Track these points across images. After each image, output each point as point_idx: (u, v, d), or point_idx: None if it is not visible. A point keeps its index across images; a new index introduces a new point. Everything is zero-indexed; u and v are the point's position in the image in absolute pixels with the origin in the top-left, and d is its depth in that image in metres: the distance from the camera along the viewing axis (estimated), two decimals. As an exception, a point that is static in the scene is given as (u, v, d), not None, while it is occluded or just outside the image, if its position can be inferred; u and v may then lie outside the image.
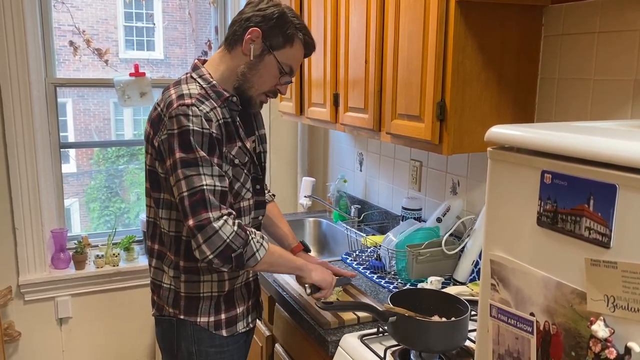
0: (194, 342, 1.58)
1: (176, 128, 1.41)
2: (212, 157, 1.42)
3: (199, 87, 1.50)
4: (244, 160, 1.54)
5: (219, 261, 1.41)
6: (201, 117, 1.41)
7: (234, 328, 1.62)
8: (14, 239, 2.67)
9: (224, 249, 1.39)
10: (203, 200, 1.39)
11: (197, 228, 1.38)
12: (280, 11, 1.51)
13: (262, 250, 1.46)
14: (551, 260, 0.91)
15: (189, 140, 1.40)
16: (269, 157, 3.18)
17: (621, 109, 1.49)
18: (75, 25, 2.96)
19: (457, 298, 1.52)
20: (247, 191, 1.58)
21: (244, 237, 1.42)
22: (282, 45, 1.52)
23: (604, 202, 0.80)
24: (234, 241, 1.40)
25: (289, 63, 1.56)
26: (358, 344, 1.54)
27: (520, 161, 0.96)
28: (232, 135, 1.51)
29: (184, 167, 1.40)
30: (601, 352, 0.81)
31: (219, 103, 1.49)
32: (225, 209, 1.42)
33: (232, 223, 1.41)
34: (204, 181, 1.40)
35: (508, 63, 1.66)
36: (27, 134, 2.59)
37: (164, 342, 1.65)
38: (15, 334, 2.71)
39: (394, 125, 1.82)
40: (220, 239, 1.38)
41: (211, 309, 1.58)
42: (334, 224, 2.75)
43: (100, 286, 2.86)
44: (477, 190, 2.02)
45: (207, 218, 1.38)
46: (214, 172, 1.42)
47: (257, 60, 1.52)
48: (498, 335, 1.02)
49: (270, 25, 1.51)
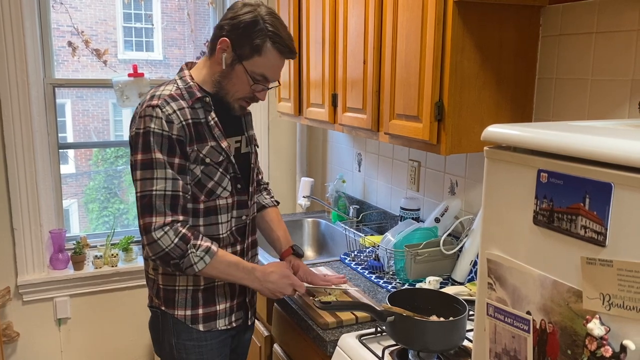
0: (173, 334, 1.63)
1: (141, 128, 1.50)
2: (172, 158, 1.50)
3: (174, 88, 1.56)
4: (217, 159, 1.57)
5: (160, 263, 1.53)
6: (162, 119, 1.49)
7: (212, 324, 1.65)
8: (12, 240, 2.67)
9: (163, 255, 1.49)
10: (150, 206, 1.49)
11: (143, 230, 1.50)
12: (252, 19, 1.50)
13: (201, 264, 1.51)
14: (547, 259, 0.91)
15: (149, 141, 1.49)
16: (268, 157, 3.18)
17: (618, 109, 1.50)
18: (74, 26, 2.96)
19: (455, 298, 1.52)
20: (223, 190, 1.60)
21: (184, 249, 1.49)
22: (250, 55, 1.53)
23: (600, 201, 0.81)
24: (172, 252, 1.49)
25: (260, 72, 1.55)
26: (356, 343, 1.54)
27: (516, 160, 0.96)
28: (203, 135, 1.55)
29: (141, 168, 1.50)
30: (597, 350, 0.82)
31: (190, 103, 1.54)
32: (170, 216, 1.49)
33: (173, 234, 1.48)
34: (154, 186, 1.49)
35: (506, 63, 1.67)
36: (26, 135, 2.59)
37: (152, 332, 1.72)
38: (13, 335, 2.71)
39: (392, 126, 1.82)
40: (159, 247, 1.48)
41: (187, 302, 1.62)
42: (333, 224, 2.75)
43: (99, 287, 2.86)
44: (475, 190, 2.03)
45: (150, 223, 1.48)
46: (167, 174, 1.49)
47: (229, 69, 1.55)
48: (495, 334, 1.02)
49: (238, 35, 1.52)
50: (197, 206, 1.57)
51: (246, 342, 1.85)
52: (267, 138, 3.17)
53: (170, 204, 1.49)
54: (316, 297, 1.76)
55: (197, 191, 1.56)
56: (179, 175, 1.51)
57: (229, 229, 1.64)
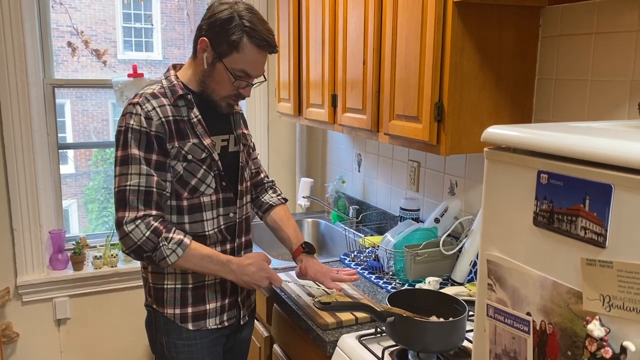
0: (164, 332, 1.65)
1: (122, 126, 1.54)
2: (149, 154, 1.52)
3: (158, 87, 1.59)
4: (199, 156, 1.58)
5: (134, 257, 1.54)
6: (141, 116, 1.52)
7: (202, 323, 1.65)
8: (11, 240, 2.67)
9: (136, 249, 1.51)
10: (123, 200, 1.51)
11: (116, 224, 1.53)
12: (228, 15, 1.51)
13: (174, 256, 1.52)
14: (547, 260, 0.91)
15: (127, 137, 1.52)
16: (267, 158, 3.18)
17: (618, 110, 1.50)
18: (74, 26, 2.96)
19: (454, 298, 1.52)
20: (207, 187, 1.60)
21: (155, 242, 1.50)
22: (228, 52, 1.53)
23: (600, 202, 0.81)
24: (143, 245, 1.50)
25: (240, 68, 1.55)
26: (356, 344, 1.54)
27: (516, 161, 0.96)
28: (185, 132, 1.57)
29: (119, 164, 1.53)
30: (597, 352, 0.82)
31: (172, 101, 1.56)
32: (142, 210, 1.51)
33: (144, 227, 1.50)
34: (129, 181, 1.51)
35: (505, 64, 1.67)
36: (25, 135, 2.59)
37: (147, 330, 1.73)
38: (13, 335, 2.71)
39: (392, 126, 1.82)
40: (131, 241, 1.50)
41: (176, 301, 1.63)
42: (333, 225, 2.75)
43: (99, 287, 2.85)
44: (475, 190, 2.03)
45: (122, 217, 1.51)
46: (142, 170, 1.51)
47: (210, 68, 1.56)
48: (495, 335, 1.02)
49: (214, 33, 1.53)
50: (180, 203, 1.58)
51: (242, 342, 1.83)
52: (266, 138, 3.17)
53: (143, 199, 1.51)
54: (316, 298, 1.76)
55: (180, 188, 1.57)
56: (157, 171, 1.52)
57: (216, 226, 1.64)
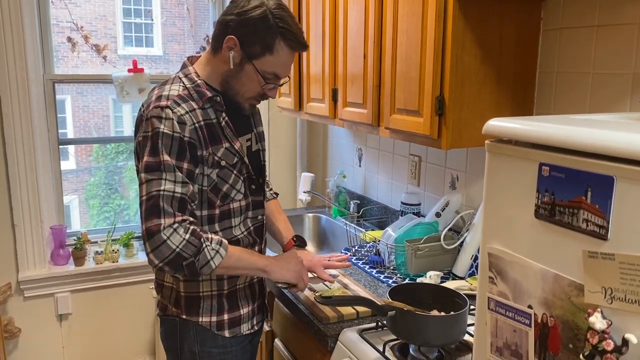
0: (197, 342, 1.56)
1: (149, 131, 1.39)
2: (181, 162, 1.39)
3: (181, 88, 1.46)
4: (232, 161, 1.50)
5: (170, 269, 1.38)
6: (173, 120, 1.38)
7: (237, 329, 1.59)
8: (13, 236, 2.67)
9: (174, 257, 1.36)
10: (157, 206, 1.36)
11: (147, 235, 1.36)
12: (261, 14, 1.41)
13: (218, 258, 1.41)
14: (549, 253, 0.91)
15: (157, 143, 1.37)
16: (268, 153, 3.18)
17: (620, 102, 1.49)
18: (74, 22, 2.96)
19: (456, 292, 1.52)
20: (237, 192, 1.53)
21: (197, 244, 1.37)
22: (261, 54, 1.44)
23: (602, 194, 0.80)
24: (184, 250, 1.36)
25: (272, 70, 1.47)
26: (357, 338, 1.54)
27: (518, 154, 0.95)
28: (217, 137, 1.47)
29: (147, 171, 1.38)
30: (598, 344, 0.81)
31: (200, 104, 1.45)
32: (179, 216, 1.37)
33: (183, 231, 1.36)
34: (162, 186, 1.36)
35: (507, 57, 1.66)
36: (26, 131, 2.59)
37: (167, 342, 1.62)
38: (15, 330, 2.71)
39: (392, 120, 1.82)
40: (168, 249, 1.35)
41: (213, 308, 1.55)
42: (333, 220, 2.75)
43: (100, 282, 2.86)
44: (476, 184, 2.02)
45: (157, 224, 1.35)
46: (177, 178, 1.38)
47: (237, 69, 1.46)
48: (496, 328, 1.02)
49: (246, 32, 1.42)
50: (213, 212, 1.49)
51: (256, 345, 1.80)
52: (267, 133, 3.16)
53: (178, 205, 1.37)
54: (317, 292, 1.76)
55: (213, 196, 1.48)
56: (190, 180, 1.41)
57: (246, 229, 1.58)
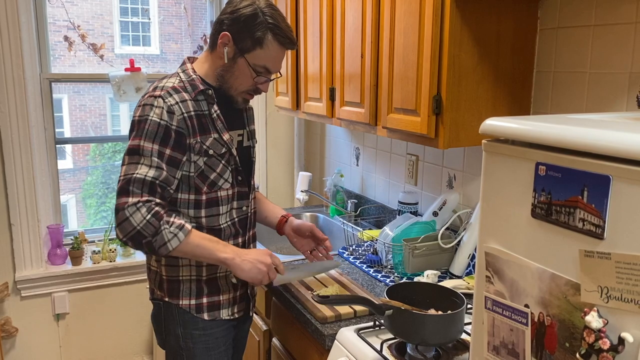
0: (179, 324, 1.65)
1: (138, 116, 1.52)
2: (164, 148, 1.49)
3: (177, 81, 1.58)
4: (220, 151, 1.59)
5: (132, 245, 1.48)
6: (162, 109, 1.50)
7: (216, 313, 1.67)
8: (9, 235, 2.67)
9: (135, 234, 1.45)
10: (127, 187, 1.47)
11: (115, 211, 1.47)
12: (252, 11, 1.53)
13: (175, 241, 1.48)
14: (545, 252, 0.91)
15: (144, 128, 1.49)
16: (266, 152, 3.18)
17: (616, 102, 1.50)
18: (70, 21, 2.95)
19: (453, 291, 1.52)
20: (225, 181, 1.62)
21: (156, 225, 1.46)
22: (251, 48, 1.55)
23: (598, 194, 0.81)
24: (144, 229, 1.45)
25: (262, 64, 1.58)
26: (355, 337, 1.54)
27: (514, 153, 0.96)
28: (206, 127, 1.57)
29: (129, 154, 1.50)
30: (595, 343, 0.82)
31: (192, 95, 1.56)
32: (145, 197, 1.46)
33: (145, 210, 1.45)
34: (137, 170, 1.47)
35: (504, 56, 1.66)
36: (23, 130, 2.58)
37: (155, 324, 1.72)
38: (12, 330, 2.71)
39: (390, 120, 1.82)
40: (130, 225, 1.45)
41: (192, 292, 1.64)
42: (331, 219, 2.75)
43: (97, 282, 2.86)
44: (473, 184, 2.03)
45: (123, 202, 1.45)
46: (152, 162, 1.48)
47: (231, 63, 1.57)
48: (493, 327, 1.03)
49: (238, 29, 1.54)
50: (199, 197, 1.59)
51: (245, 332, 1.88)
52: (264, 132, 3.17)
53: (148, 188, 1.47)
54: (314, 292, 1.76)
55: (200, 182, 1.57)
56: (168, 166, 1.49)
57: (229, 219, 1.66)
